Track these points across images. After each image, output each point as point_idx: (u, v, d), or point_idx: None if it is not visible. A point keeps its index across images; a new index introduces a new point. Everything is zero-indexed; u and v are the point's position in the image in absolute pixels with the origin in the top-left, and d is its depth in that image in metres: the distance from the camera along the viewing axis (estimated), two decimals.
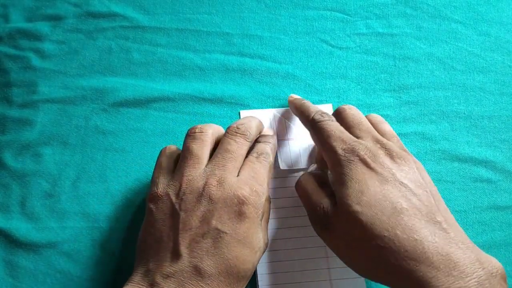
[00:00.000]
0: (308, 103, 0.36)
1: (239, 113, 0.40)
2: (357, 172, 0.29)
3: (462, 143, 0.40)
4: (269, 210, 0.33)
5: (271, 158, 0.33)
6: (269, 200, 0.33)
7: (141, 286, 0.27)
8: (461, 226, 0.37)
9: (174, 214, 0.29)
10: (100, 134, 0.40)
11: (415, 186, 0.28)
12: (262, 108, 0.40)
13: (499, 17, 0.44)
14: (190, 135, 0.32)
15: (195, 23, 0.43)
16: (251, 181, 0.30)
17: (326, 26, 0.44)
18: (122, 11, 0.44)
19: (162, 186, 0.31)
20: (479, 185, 0.39)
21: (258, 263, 0.30)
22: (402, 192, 0.28)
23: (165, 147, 0.34)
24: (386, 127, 0.33)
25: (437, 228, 0.26)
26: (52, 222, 0.37)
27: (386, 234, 0.26)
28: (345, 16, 0.44)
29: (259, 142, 0.34)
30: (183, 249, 0.28)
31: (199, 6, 0.44)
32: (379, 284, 0.35)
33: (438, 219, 0.27)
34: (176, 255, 0.28)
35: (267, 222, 0.33)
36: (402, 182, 0.28)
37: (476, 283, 0.24)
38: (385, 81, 0.42)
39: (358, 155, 0.29)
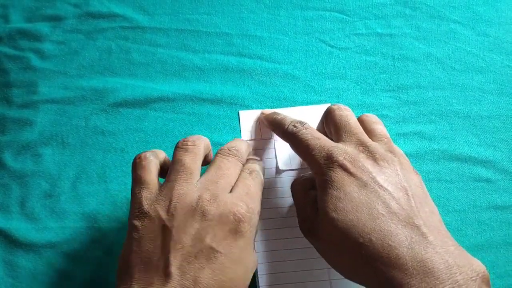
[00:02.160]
0: (280, 116, 0.35)
1: (238, 113, 0.40)
2: (336, 178, 0.28)
3: (461, 142, 0.40)
4: (258, 226, 0.33)
5: (262, 176, 0.33)
6: (260, 214, 0.33)
7: None
8: (460, 226, 0.37)
9: (164, 232, 0.27)
10: (100, 134, 0.40)
11: (395, 189, 0.28)
12: (261, 108, 0.40)
13: (498, 17, 0.44)
14: (182, 148, 0.30)
15: (194, 23, 0.44)
16: (246, 198, 0.29)
17: (325, 27, 0.44)
18: (122, 11, 0.44)
19: (148, 201, 0.28)
20: (478, 185, 0.39)
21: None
22: (381, 197, 0.27)
23: (139, 158, 0.31)
24: (378, 127, 0.32)
25: (414, 233, 0.26)
26: (52, 222, 0.37)
27: (361, 241, 0.26)
28: (344, 17, 0.44)
29: (248, 162, 0.34)
30: (174, 270, 0.25)
31: (199, 7, 0.44)
32: None
33: (417, 223, 0.26)
34: (166, 276, 0.25)
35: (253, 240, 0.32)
36: (381, 186, 0.28)
37: None
38: (384, 81, 0.42)
39: (337, 161, 0.29)
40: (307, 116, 0.40)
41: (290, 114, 0.40)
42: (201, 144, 0.31)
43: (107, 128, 0.40)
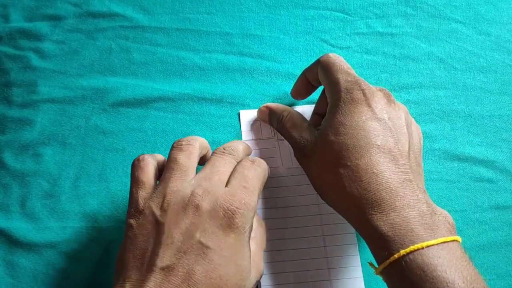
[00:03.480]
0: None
1: (239, 113, 0.40)
2: (350, 104, 0.30)
3: (463, 142, 0.40)
4: (264, 236, 0.32)
5: (266, 166, 0.32)
6: (263, 226, 0.32)
7: None
8: (461, 226, 0.38)
9: (157, 227, 0.27)
10: (100, 134, 0.40)
11: (397, 130, 0.30)
12: None
13: (499, 16, 0.44)
14: (176, 147, 0.31)
15: (195, 23, 0.43)
16: (240, 193, 0.28)
17: (326, 26, 0.44)
18: (122, 11, 0.44)
19: (143, 200, 0.29)
20: (479, 185, 0.39)
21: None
22: (383, 131, 0.29)
23: (138, 160, 0.31)
24: None
25: (398, 170, 0.28)
26: (52, 222, 0.37)
27: (349, 164, 0.28)
28: (345, 16, 0.44)
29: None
30: (164, 265, 0.26)
31: (199, 6, 0.44)
32: (379, 285, 0.35)
33: (403, 162, 0.29)
34: (154, 272, 0.25)
35: (262, 248, 0.31)
36: (387, 122, 0.30)
37: (417, 215, 0.26)
38: (385, 81, 0.42)
39: (359, 86, 0.30)
40: (308, 116, 0.40)
41: None
42: (195, 143, 0.31)
43: (107, 127, 0.40)
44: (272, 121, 0.37)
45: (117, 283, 0.26)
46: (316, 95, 0.41)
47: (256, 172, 0.30)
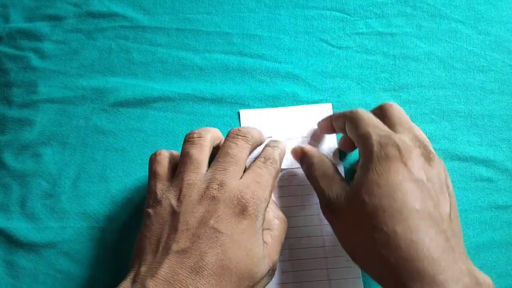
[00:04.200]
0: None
1: (239, 113, 0.40)
2: (385, 163, 0.28)
3: (463, 142, 0.40)
4: (282, 229, 0.32)
5: (278, 165, 0.32)
6: (282, 219, 0.32)
7: None
8: (461, 226, 0.37)
9: (173, 216, 0.28)
10: (100, 134, 0.40)
11: (438, 192, 0.28)
12: (262, 107, 0.40)
13: (499, 16, 0.44)
14: (188, 141, 0.32)
15: (195, 23, 0.44)
16: (253, 185, 0.29)
17: (326, 26, 0.44)
18: (122, 11, 0.44)
19: (161, 192, 0.30)
20: (479, 184, 0.39)
21: (261, 280, 0.29)
22: (423, 193, 0.27)
23: (154, 154, 0.33)
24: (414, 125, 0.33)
25: (439, 237, 0.26)
26: (52, 222, 0.37)
27: (385, 229, 0.26)
28: (345, 16, 0.44)
29: (268, 146, 0.34)
30: (178, 249, 0.27)
31: (199, 6, 0.44)
32: (378, 286, 0.35)
33: (444, 228, 0.27)
34: (169, 255, 0.27)
35: (279, 242, 0.31)
36: (425, 184, 0.28)
37: None
38: (385, 80, 0.42)
39: (394, 142, 0.29)
40: (308, 116, 0.40)
41: (291, 113, 0.40)
42: (206, 135, 0.32)
43: (107, 127, 0.40)
44: (303, 163, 0.35)
45: (134, 266, 0.28)
46: (315, 95, 0.42)
47: (268, 170, 0.31)
